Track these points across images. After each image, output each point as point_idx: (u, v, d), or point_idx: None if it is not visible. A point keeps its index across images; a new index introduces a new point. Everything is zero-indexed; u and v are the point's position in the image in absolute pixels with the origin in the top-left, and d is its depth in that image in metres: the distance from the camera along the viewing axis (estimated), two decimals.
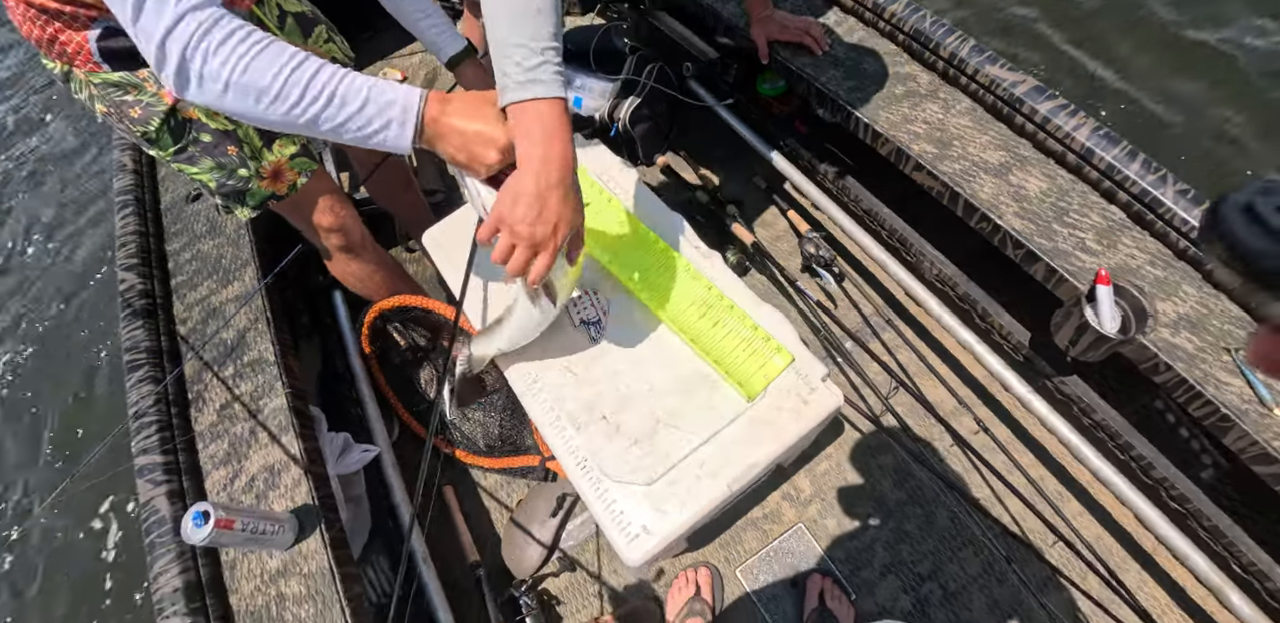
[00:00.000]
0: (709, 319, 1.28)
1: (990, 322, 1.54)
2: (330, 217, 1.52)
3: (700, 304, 1.30)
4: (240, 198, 1.41)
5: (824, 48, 1.67)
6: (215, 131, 1.30)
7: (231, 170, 1.35)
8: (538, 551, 1.74)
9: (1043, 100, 1.38)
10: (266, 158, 1.37)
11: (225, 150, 1.32)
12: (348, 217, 1.56)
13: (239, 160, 1.34)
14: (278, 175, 1.40)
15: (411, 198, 2.13)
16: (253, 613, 1.20)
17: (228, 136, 1.31)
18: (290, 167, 1.41)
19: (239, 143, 1.33)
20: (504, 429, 1.81)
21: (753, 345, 1.22)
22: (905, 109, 1.55)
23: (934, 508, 1.63)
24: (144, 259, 1.66)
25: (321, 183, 1.49)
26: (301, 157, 1.43)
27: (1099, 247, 1.29)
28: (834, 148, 1.94)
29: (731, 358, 1.21)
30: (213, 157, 1.32)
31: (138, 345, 1.49)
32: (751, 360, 1.21)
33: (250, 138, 1.35)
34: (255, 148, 1.35)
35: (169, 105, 1.24)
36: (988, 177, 1.42)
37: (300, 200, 1.47)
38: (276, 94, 0.79)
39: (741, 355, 1.21)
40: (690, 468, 1.17)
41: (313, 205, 1.50)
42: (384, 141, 0.84)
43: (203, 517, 1.08)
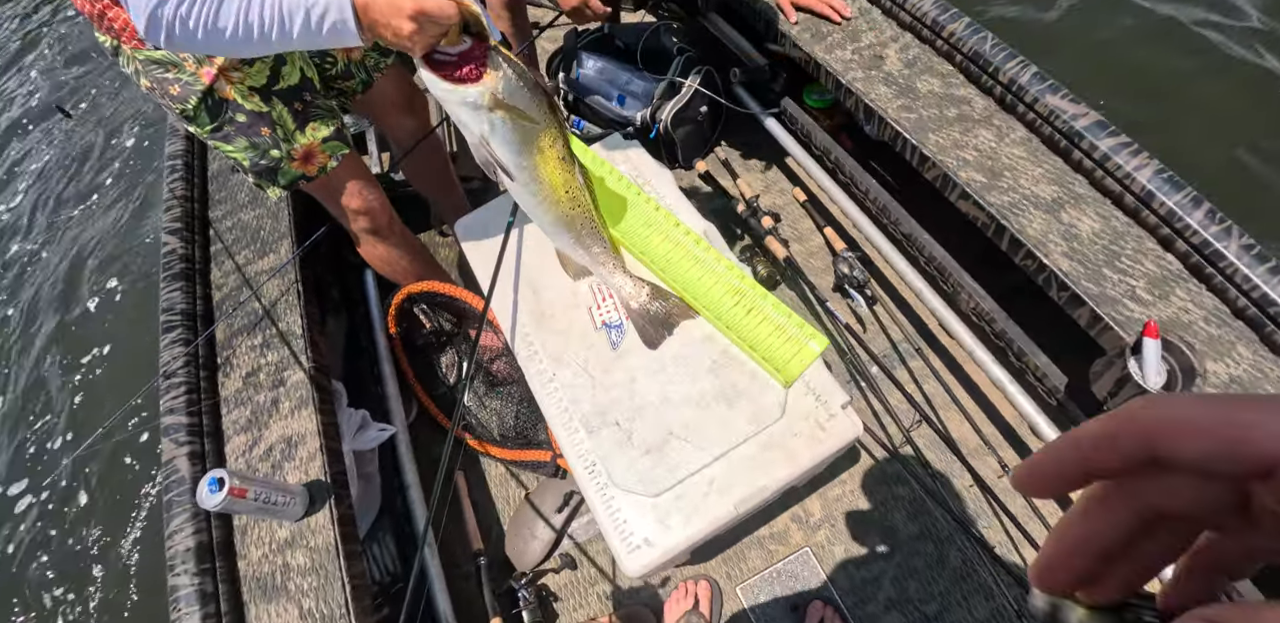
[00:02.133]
0: (743, 307, 1.27)
1: (1026, 362, 1.47)
2: (358, 199, 1.54)
3: (734, 292, 1.29)
4: (272, 176, 1.44)
5: (847, 14, 1.66)
6: (250, 112, 1.33)
7: (264, 150, 1.38)
8: (541, 545, 1.75)
9: (1104, 136, 1.31)
10: (299, 140, 1.40)
11: (259, 130, 1.35)
12: (375, 200, 1.58)
13: (271, 141, 1.37)
14: (309, 157, 1.43)
15: (448, 183, 2.14)
16: (258, 579, 1.24)
17: (261, 118, 1.34)
18: (322, 149, 1.44)
19: (272, 124, 1.36)
20: (519, 421, 1.83)
21: (787, 332, 1.22)
22: (956, 133, 1.48)
23: (947, 548, 1.58)
24: (187, 223, 1.72)
25: (352, 166, 1.51)
26: (334, 140, 1.45)
27: (1150, 296, 1.22)
28: (878, 167, 1.88)
29: (767, 344, 1.21)
30: (246, 136, 1.35)
31: (173, 307, 1.54)
32: (787, 347, 1.20)
33: (284, 119, 1.37)
34: (288, 130, 1.38)
35: (206, 85, 1.28)
36: (1038, 211, 1.35)
37: (329, 182, 1.50)
38: (238, 32, 0.96)
39: (777, 342, 1.21)
40: (699, 484, 1.16)
41: (341, 188, 1.52)
42: (340, 38, 0.97)
43: (218, 484, 1.12)
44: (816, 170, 1.93)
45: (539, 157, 1.10)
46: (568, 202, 1.20)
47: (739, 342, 1.24)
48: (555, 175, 1.15)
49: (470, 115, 1.03)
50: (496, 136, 1.06)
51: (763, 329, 1.22)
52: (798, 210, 2.17)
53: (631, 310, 1.29)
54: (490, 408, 1.90)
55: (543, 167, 1.12)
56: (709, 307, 1.27)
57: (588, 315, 1.37)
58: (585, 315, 1.37)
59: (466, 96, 0.99)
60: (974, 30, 1.50)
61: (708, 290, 1.30)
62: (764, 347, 1.21)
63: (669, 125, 2.20)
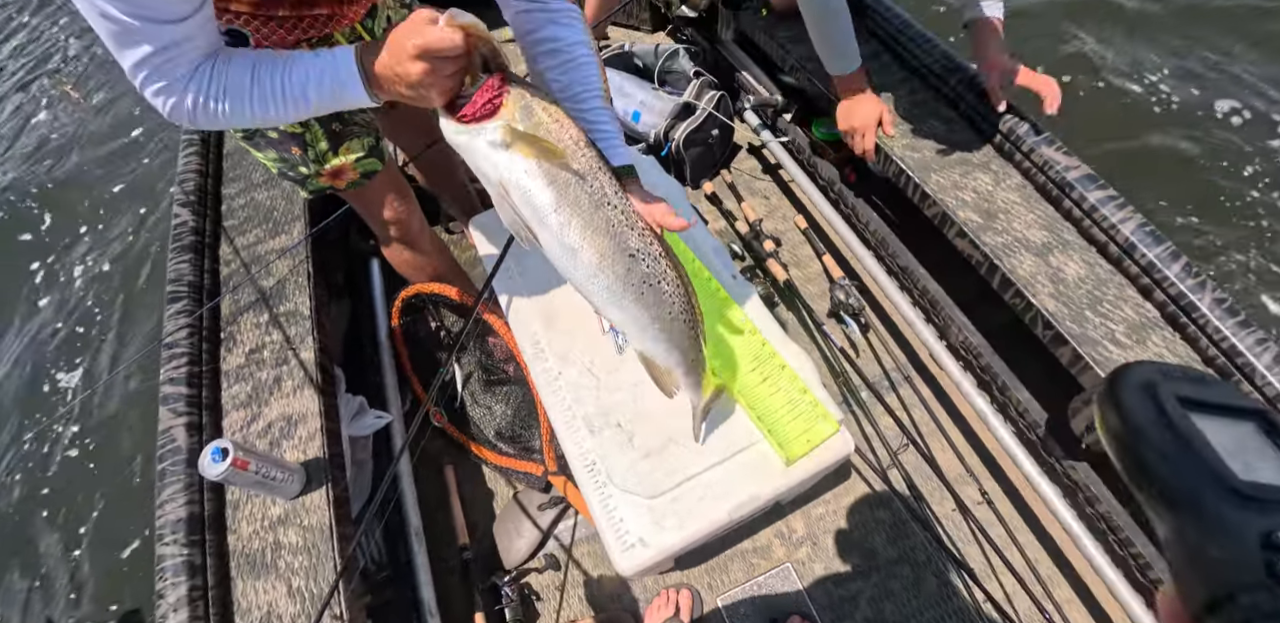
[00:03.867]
0: (759, 374, 1.29)
1: (1009, 396, 1.54)
2: (390, 210, 1.55)
3: (752, 358, 1.31)
4: (300, 185, 1.46)
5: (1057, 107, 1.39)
6: (282, 132, 1.33)
7: (293, 165, 1.39)
8: (527, 544, 1.78)
9: (1093, 188, 1.39)
10: (330, 161, 1.39)
11: (289, 148, 1.35)
12: (405, 211, 1.58)
13: (300, 160, 1.37)
14: (338, 174, 1.43)
15: (457, 183, 2.17)
16: (248, 555, 1.24)
17: (293, 138, 1.34)
18: (354, 167, 1.43)
19: (304, 145, 1.35)
20: (514, 426, 1.85)
21: (799, 408, 1.23)
22: (956, 175, 1.56)
23: (924, 571, 1.64)
24: (200, 198, 1.73)
25: (384, 179, 1.51)
26: (369, 158, 1.43)
27: (1128, 340, 1.29)
28: (879, 201, 1.95)
29: (775, 418, 1.23)
30: (277, 150, 1.36)
31: (181, 279, 1.56)
32: (796, 424, 1.22)
33: (317, 141, 1.36)
34: (320, 151, 1.37)
35: None
36: (1028, 254, 1.43)
37: (358, 194, 1.51)
38: (257, 115, 0.91)
39: (786, 417, 1.22)
40: (695, 489, 1.20)
41: (373, 199, 1.53)
42: (354, 102, 0.90)
43: (221, 453, 1.13)
44: (820, 200, 2.00)
45: (572, 209, 0.85)
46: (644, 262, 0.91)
47: (748, 409, 1.25)
48: (609, 214, 0.87)
49: (486, 157, 0.84)
50: (515, 178, 0.84)
51: (775, 401, 1.23)
52: (798, 236, 2.24)
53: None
54: (484, 405, 1.93)
55: (576, 219, 0.86)
56: (725, 366, 1.28)
57: (595, 318, 1.41)
58: (593, 318, 1.41)
59: (480, 134, 0.82)
60: (977, 81, 1.58)
61: (728, 351, 1.31)
62: (771, 419, 1.22)
63: (681, 145, 2.28)
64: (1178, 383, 0.33)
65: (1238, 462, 0.29)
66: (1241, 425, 0.32)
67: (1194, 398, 0.32)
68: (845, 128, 1.71)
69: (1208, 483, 0.28)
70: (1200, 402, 0.32)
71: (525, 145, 0.82)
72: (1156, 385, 0.32)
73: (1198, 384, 0.33)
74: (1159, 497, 0.30)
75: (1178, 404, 0.31)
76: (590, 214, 0.86)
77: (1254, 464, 0.29)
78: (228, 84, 0.88)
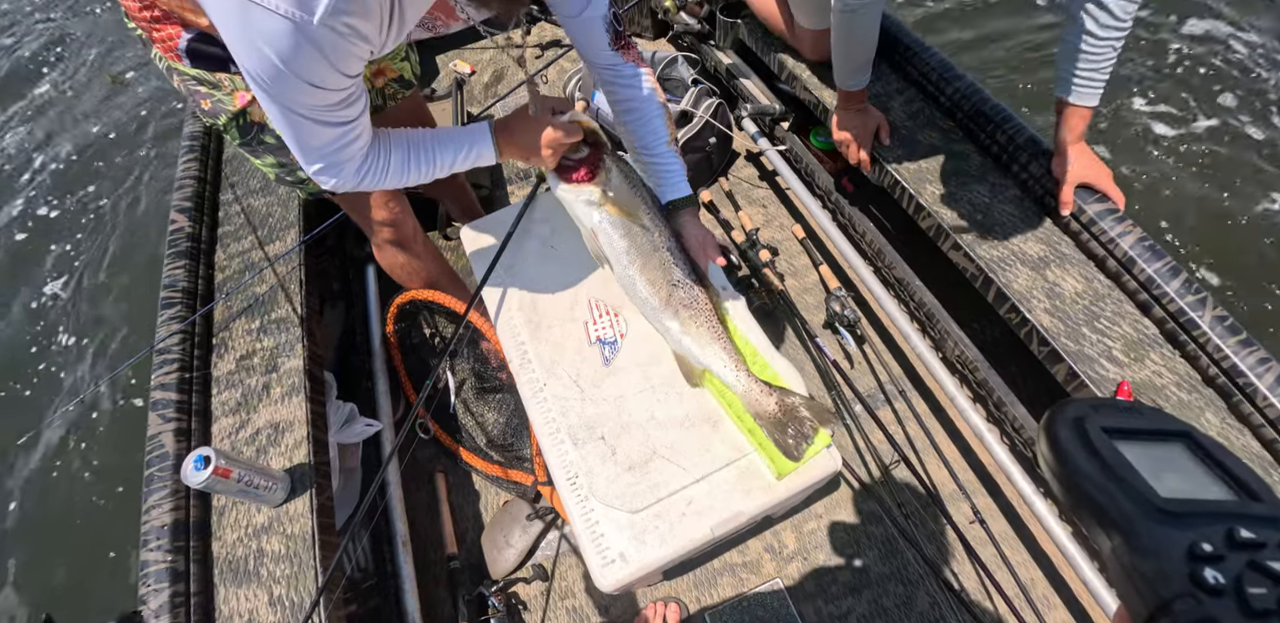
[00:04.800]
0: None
1: (1005, 412, 1.52)
2: (384, 211, 1.55)
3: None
4: (297, 189, 1.48)
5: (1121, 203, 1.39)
6: (279, 137, 1.31)
7: (291, 169, 1.40)
8: (514, 554, 1.76)
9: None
10: None
11: (287, 155, 1.36)
12: (400, 212, 1.59)
13: (298, 164, 1.36)
14: None
15: (457, 187, 2.17)
16: (231, 562, 1.24)
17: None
18: None
19: None
20: (505, 434, 1.83)
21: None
22: (953, 187, 1.54)
23: (916, 590, 1.61)
24: (197, 204, 1.74)
25: None
26: None
27: (1126, 358, 1.26)
28: (877, 211, 1.93)
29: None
30: (274, 155, 1.37)
31: (175, 285, 1.56)
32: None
33: None
34: None
35: (239, 108, 1.27)
36: (1024, 268, 1.40)
37: (356, 195, 1.51)
38: (406, 182, 1.15)
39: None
40: (678, 504, 1.18)
41: (367, 201, 1.54)
42: (483, 162, 1.19)
43: (204, 461, 1.13)
44: (817, 209, 1.98)
45: (634, 240, 1.26)
46: (682, 289, 1.28)
47: (739, 423, 1.24)
48: (662, 254, 1.27)
49: (584, 210, 1.28)
50: (603, 228, 1.27)
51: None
52: (795, 246, 2.21)
53: (761, 419, 1.21)
54: (476, 413, 1.92)
55: (640, 248, 1.26)
56: (714, 382, 1.27)
57: (583, 330, 1.40)
58: (580, 330, 1.40)
59: (582, 195, 1.26)
60: (974, 91, 1.56)
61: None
62: (762, 433, 1.20)
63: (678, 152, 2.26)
64: (1105, 414, 0.35)
65: (1161, 481, 0.31)
66: (1168, 447, 0.34)
67: (1119, 427, 0.34)
68: (841, 137, 1.69)
69: (1134, 505, 0.30)
70: (1126, 430, 0.34)
71: (612, 206, 1.25)
72: (1084, 419, 0.34)
73: (1125, 413, 0.35)
74: (1093, 522, 0.32)
75: (1102, 433, 0.33)
76: (649, 255, 1.27)
77: (1176, 482, 0.31)
78: (390, 170, 1.11)
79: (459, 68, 2.86)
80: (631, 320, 1.39)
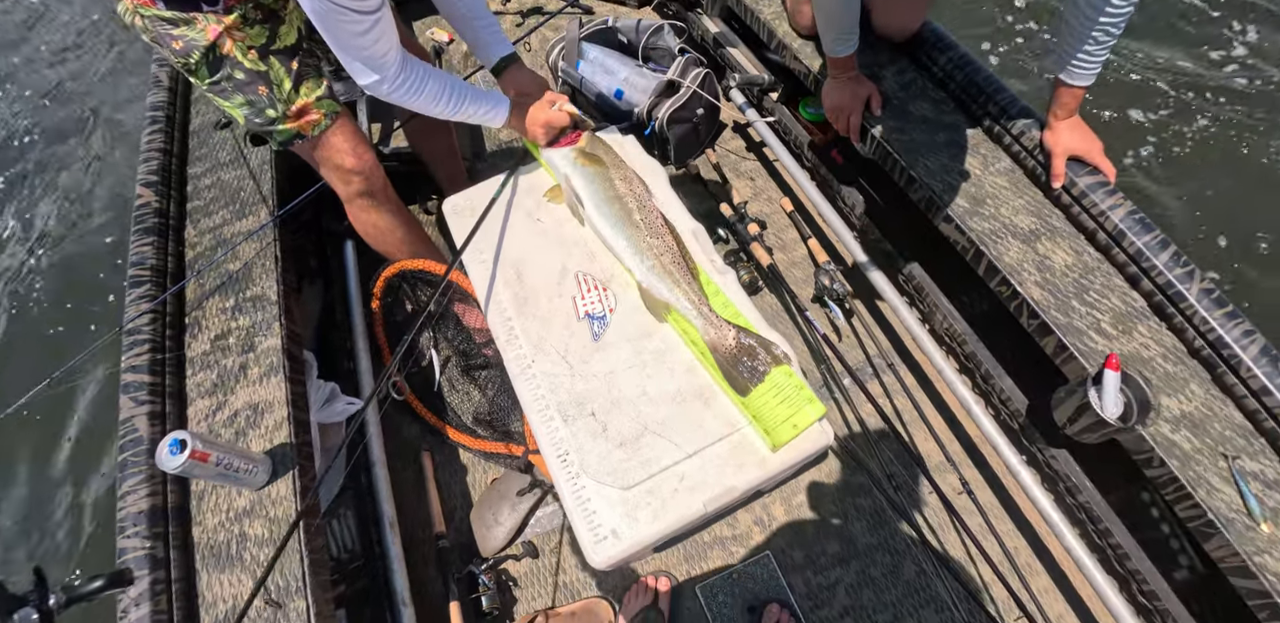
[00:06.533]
0: None
1: (992, 385, 1.53)
2: (353, 158, 1.54)
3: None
4: (267, 135, 1.48)
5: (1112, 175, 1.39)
6: (249, 71, 1.37)
7: (260, 109, 1.41)
8: (504, 532, 1.76)
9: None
10: (295, 100, 1.43)
11: (256, 89, 1.39)
12: (370, 161, 1.58)
13: (268, 101, 1.41)
14: (302, 114, 1.45)
15: (447, 145, 2.14)
16: (213, 547, 1.22)
17: (260, 77, 1.39)
18: (315, 107, 1.46)
19: (269, 84, 1.40)
20: (494, 410, 1.82)
21: (784, 393, 1.20)
22: (945, 159, 1.52)
23: (903, 559, 1.63)
24: (164, 178, 1.69)
25: (345, 125, 1.53)
26: (327, 98, 1.48)
27: (1114, 331, 1.27)
28: (866, 184, 1.92)
29: (761, 402, 1.20)
30: (244, 94, 1.40)
31: (143, 263, 1.52)
32: (781, 409, 1.19)
33: (280, 79, 1.41)
34: (285, 91, 1.41)
35: (210, 42, 1.32)
36: (1015, 240, 1.40)
37: (324, 141, 1.51)
38: (427, 108, 1.37)
39: (772, 402, 1.19)
40: (670, 480, 1.17)
41: (336, 147, 1.53)
42: (488, 123, 1.48)
43: (179, 445, 1.10)
44: (806, 182, 1.96)
45: (605, 184, 1.44)
46: (645, 228, 1.38)
47: (731, 394, 1.23)
48: (627, 200, 1.41)
49: (562, 163, 1.51)
50: (577, 174, 1.47)
51: (760, 386, 1.21)
52: (784, 219, 2.20)
53: (718, 354, 1.25)
54: (461, 392, 1.90)
55: (609, 191, 1.43)
56: (707, 354, 1.26)
57: (571, 305, 1.38)
58: (569, 304, 1.38)
59: (561, 152, 1.51)
60: (967, 61, 1.54)
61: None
62: (757, 405, 1.20)
63: (665, 123, 2.22)
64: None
65: None
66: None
67: None
68: (831, 108, 1.67)
69: None
70: None
71: (586, 160, 1.48)
72: None
73: None
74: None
75: None
76: (617, 200, 1.42)
77: None
78: (425, 92, 1.32)
79: (436, 35, 2.79)
80: (621, 295, 1.37)
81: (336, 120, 1.50)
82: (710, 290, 1.33)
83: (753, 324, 1.29)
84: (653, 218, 1.41)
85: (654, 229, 1.39)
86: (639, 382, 1.26)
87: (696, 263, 1.37)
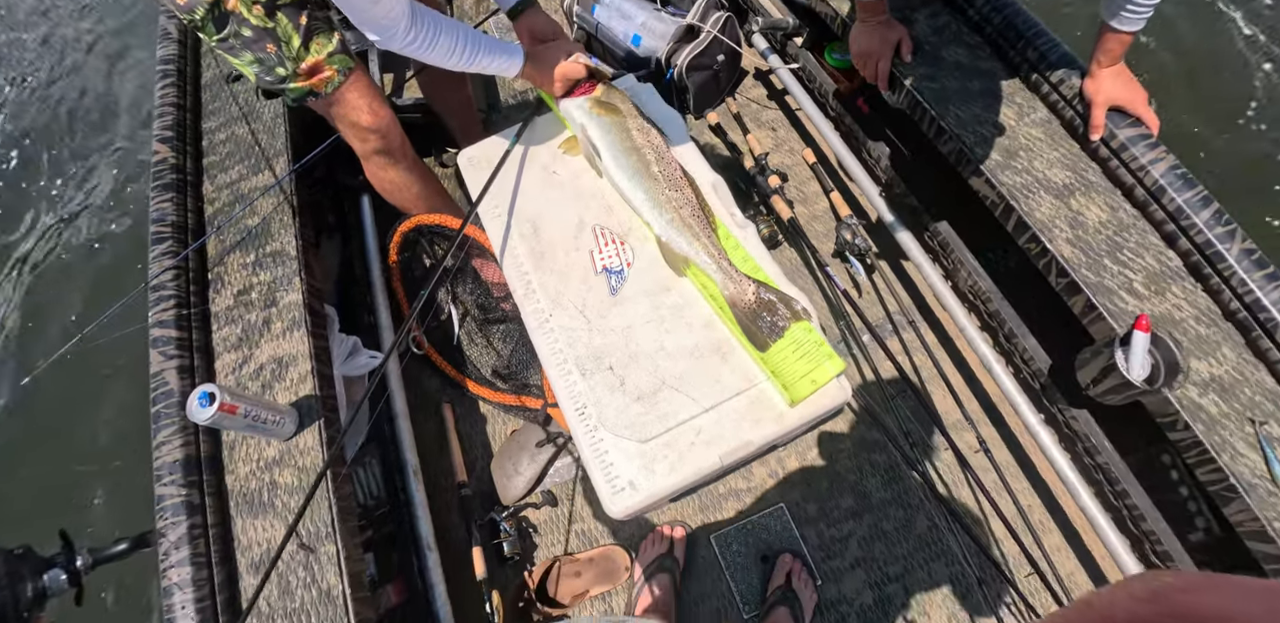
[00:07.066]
0: None
1: (1015, 344, 1.50)
2: (369, 116, 1.51)
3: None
4: (280, 93, 1.44)
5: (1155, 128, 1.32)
6: (256, 28, 1.33)
7: (270, 67, 1.38)
8: (524, 481, 1.80)
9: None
10: (305, 57, 1.39)
11: (264, 47, 1.36)
12: (387, 118, 1.55)
13: (277, 59, 1.37)
14: (314, 71, 1.41)
15: (463, 96, 2.10)
16: (245, 495, 1.26)
17: (267, 33, 1.35)
18: (328, 63, 1.42)
19: (278, 41, 1.36)
20: (512, 364, 1.83)
21: (804, 349, 1.19)
22: (977, 108, 1.46)
23: (915, 514, 1.65)
24: (179, 133, 1.68)
25: (360, 82, 1.49)
26: (340, 54, 1.43)
27: (1146, 291, 1.23)
28: (893, 135, 1.85)
29: (779, 357, 1.19)
30: (252, 51, 1.36)
31: (164, 219, 1.53)
32: (800, 364, 1.18)
33: (289, 36, 1.36)
34: (293, 47, 1.37)
35: None
36: (1048, 195, 1.35)
37: (339, 98, 1.47)
38: (441, 61, 1.31)
39: (791, 357, 1.18)
40: (687, 434, 1.18)
41: (351, 104, 1.49)
42: (503, 74, 1.41)
43: (208, 398, 1.13)
44: (830, 133, 1.90)
45: (622, 134, 1.39)
46: (664, 180, 1.34)
47: (750, 350, 1.22)
48: (645, 151, 1.37)
49: (578, 113, 1.44)
50: (593, 125, 1.41)
51: (779, 341, 1.19)
52: (806, 172, 2.14)
53: (737, 308, 1.24)
54: (480, 345, 1.92)
55: (626, 142, 1.38)
56: (726, 309, 1.25)
57: (588, 258, 1.36)
58: (586, 258, 1.36)
59: (577, 102, 1.45)
60: (1007, 3, 1.46)
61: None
62: (775, 360, 1.18)
63: (684, 71, 2.14)
64: None
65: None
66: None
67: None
68: (859, 53, 1.60)
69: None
70: None
71: (601, 108, 1.43)
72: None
73: None
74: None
75: None
76: (635, 151, 1.38)
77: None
78: (438, 45, 1.27)
79: None
80: (638, 249, 1.35)
81: (350, 76, 1.45)
82: (730, 245, 1.30)
83: (772, 279, 1.27)
84: (671, 169, 1.37)
85: (673, 181, 1.35)
86: (657, 336, 1.26)
87: (716, 216, 1.35)
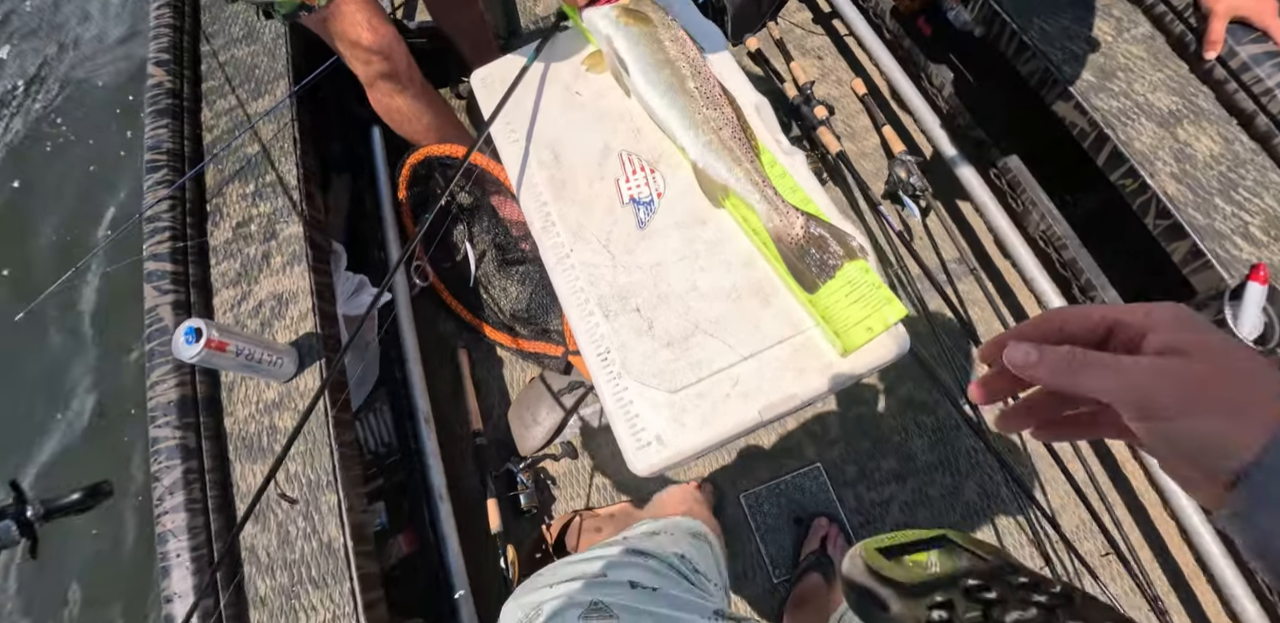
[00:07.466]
0: None
1: (1092, 297, 1.35)
2: (369, 33, 1.37)
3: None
4: (270, 7, 1.32)
5: None
6: None
7: None
8: (542, 432, 1.72)
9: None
10: None
11: None
12: (390, 36, 1.41)
13: None
14: None
15: (474, 14, 1.94)
16: (244, 438, 1.21)
17: None
18: None
19: None
20: (532, 307, 1.75)
21: (859, 291, 1.03)
22: (1066, 21, 1.27)
23: (965, 481, 1.53)
24: (176, 56, 1.60)
25: None
26: None
27: (1265, 237, 1.07)
28: (959, 61, 1.65)
29: (830, 300, 1.03)
30: None
31: (159, 146, 1.45)
32: (855, 309, 1.02)
33: None
34: None
35: None
36: (1149, 123, 1.17)
37: (334, 11, 1.34)
38: None
39: (844, 301, 1.03)
40: (722, 384, 1.04)
41: (349, 20, 1.35)
42: None
43: (194, 334, 1.06)
44: (885, 59, 1.70)
45: (653, 46, 1.20)
46: (701, 98, 1.17)
47: (798, 293, 1.08)
48: (680, 65, 1.18)
49: (603, 23, 1.24)
50: (620, 35, 1.22)
51: (831, 283, 1.04)
52: (854, 104, 1.95)
53: (783, 244, 1.09)
54: (498, 286, 1.82)
55: (657, 54, 1.19)
56: (770, 245, 1.11)
57: (614, 188, 1.21)
58: (611, 187, 1.21)
59: (602, 11, 1.24)
60: None
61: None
62: (825, 304, 1.03)
63: None
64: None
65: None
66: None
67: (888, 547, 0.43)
68: None
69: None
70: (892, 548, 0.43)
71: (630, 17, 1.23)
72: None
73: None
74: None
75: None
76: (662, 61, 1.19)
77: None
78: None
79: None
80: (670, 177, 1.19)
81: None
82: (775, 173, 1.14)
83: (824, 212, 1.11)
84: (709, 86, 1.19)
85: (711, 99, 1.18)
86: (689, 275, 1.11)
87: (759, 140, 1.18)
